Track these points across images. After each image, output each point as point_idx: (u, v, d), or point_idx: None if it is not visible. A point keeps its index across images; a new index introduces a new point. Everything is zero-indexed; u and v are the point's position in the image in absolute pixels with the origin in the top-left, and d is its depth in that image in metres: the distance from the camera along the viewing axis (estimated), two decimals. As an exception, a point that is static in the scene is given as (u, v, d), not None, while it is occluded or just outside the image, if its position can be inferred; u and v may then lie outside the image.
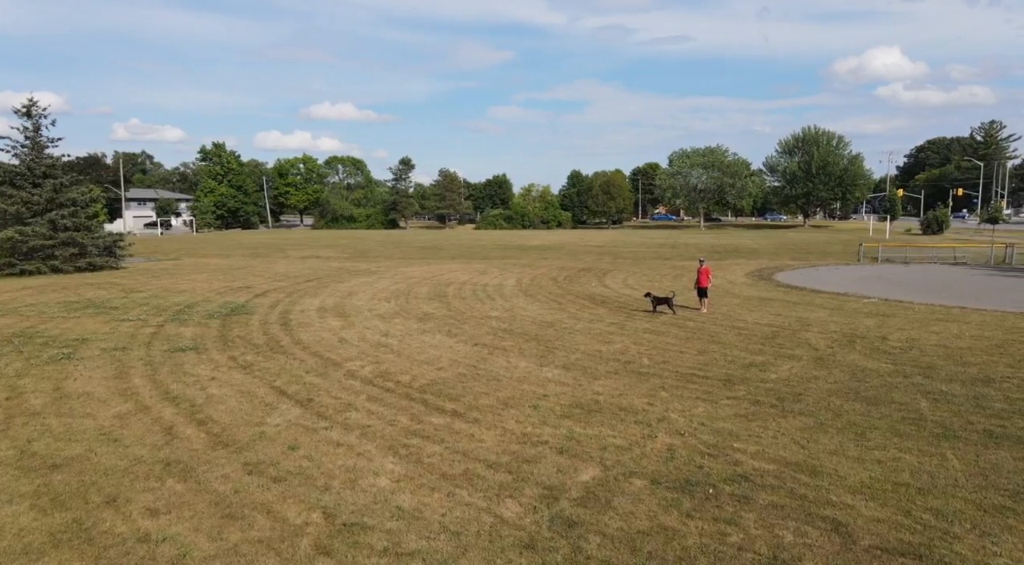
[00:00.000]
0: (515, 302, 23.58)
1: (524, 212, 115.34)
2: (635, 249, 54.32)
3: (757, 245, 58.21)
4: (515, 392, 11.98)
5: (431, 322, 19.41)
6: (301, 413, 10.63)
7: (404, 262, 43.18)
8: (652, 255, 47.41)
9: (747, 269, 35.94)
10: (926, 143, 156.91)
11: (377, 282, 30.29)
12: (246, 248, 60.55)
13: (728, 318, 19.96)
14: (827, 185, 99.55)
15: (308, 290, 27.17)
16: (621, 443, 9.36)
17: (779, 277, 32.16)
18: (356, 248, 59.34)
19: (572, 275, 33.40)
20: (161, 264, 42.17)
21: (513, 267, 38.40)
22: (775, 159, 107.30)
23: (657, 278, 31.72)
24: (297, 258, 48.51)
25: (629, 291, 26.62)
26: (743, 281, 30.19)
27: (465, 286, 28.55)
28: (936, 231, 73.59)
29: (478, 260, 44.53)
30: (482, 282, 30.23)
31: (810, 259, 43.11)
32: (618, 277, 32.36)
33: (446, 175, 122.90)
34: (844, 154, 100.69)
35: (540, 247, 57.96)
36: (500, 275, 33.60)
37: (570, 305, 22.90)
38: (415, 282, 30.29)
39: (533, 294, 25.80)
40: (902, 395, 11.70)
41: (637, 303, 22.96)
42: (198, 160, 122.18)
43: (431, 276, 33.15)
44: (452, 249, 56.67)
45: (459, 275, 33.63)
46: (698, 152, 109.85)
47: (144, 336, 17.10)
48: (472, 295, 25.53)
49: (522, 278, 31.90)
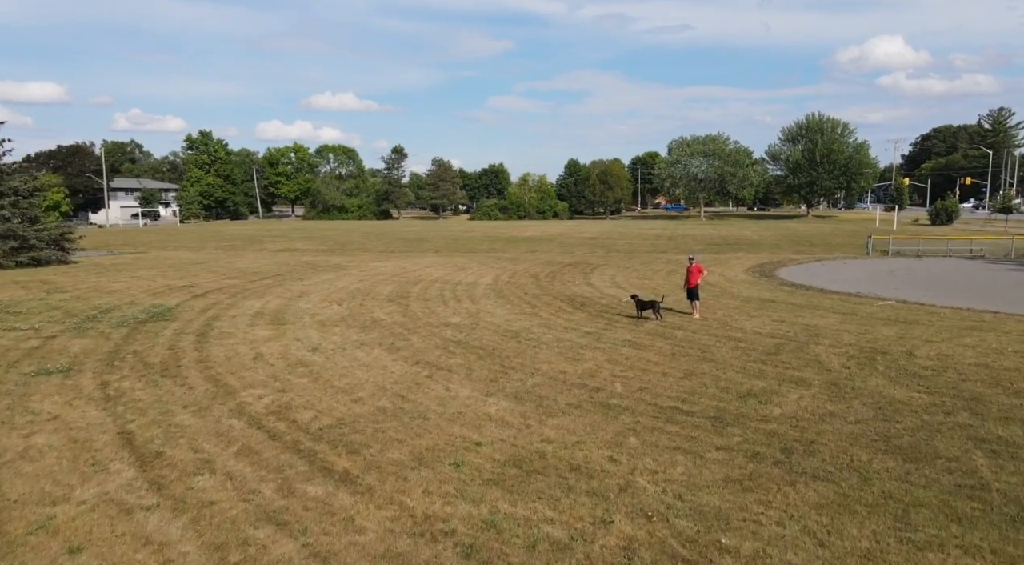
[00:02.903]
0: (483, 305, 20.73)
1: (520, 202, 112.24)
2: (630, 241, 51.39)
3: (759, 237, 55.24)
4: (439, 439, 9.15)
5: (376, 332, 16.56)
6: (131, 479, 7.79)
7: (381, 256, 40.33)
8: (647, 248, 44.48)
9: (748, 264, 33.03)
10: (932, 131, 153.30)
11: (339, 280, 27.44)
12: (223, 240, 57.69)
13: (723, 326, 17.09)
14: (831, 174, 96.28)
15: (256, 290, 24.31)
16: (559, 536, 6.53)
17: (782, 273, 29.26)
18: (337, 240, 56.47)
19: (556, 271, 30.52)
20: (118, 258, 39.31)
21: (496, 262, 35.52)
22: (778, 147, 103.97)
23: (649, 274, 28.84)
24: (271, 251, 45.70)
25: (615, 291, 23.75)
26: (743, 278, 27.30)
27: (434, 285, 25.69)
28: (945, 222, 70.52)
29: (461, 254, 41.66)
30: (455, 280, 27.37)
31: (815, 252, 40.18)
32: (606, 273, 29.48)
33: (440, 164, 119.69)
34: (849, 142, 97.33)
35: (531, 239, 55.06)
36: (478, 271, 30.73)
37: (545, 308, 20.04)
38: (381, 280, 27.44)
39: (507, 295, 22.93)
40: (948, 444, 8.85)
41: (622, 306, 20.10)
42: (184, 148, 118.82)
43: (401, 273, 30.30)
44: (438, 241, 53.78)
45: (433, 271, 30.77)
46: (698, 140, 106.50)
47: (18, 352, 14.25)
48: (438, 296, 22.67)
49: (500, 275, 29.02)
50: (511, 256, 39.26)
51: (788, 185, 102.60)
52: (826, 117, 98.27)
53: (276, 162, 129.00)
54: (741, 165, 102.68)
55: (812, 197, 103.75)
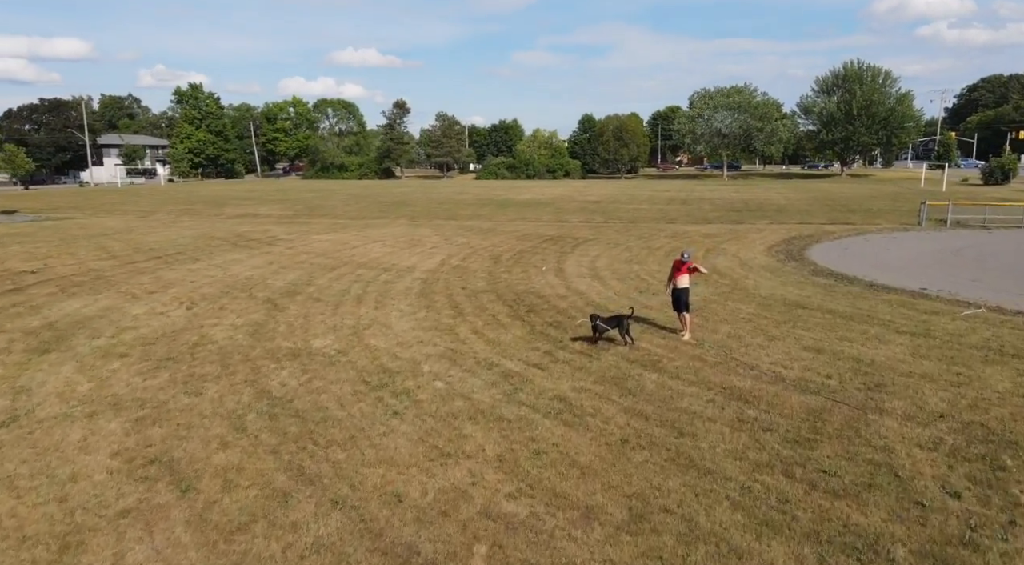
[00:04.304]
0: (386, 311, 14.65)
1: (529, 161, 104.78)
2: (637, 206, 44.62)
3: (786, 201, 48.02)
4: None
5: (166, 373, 10.59)
6: None
7: (337, 226, 34.29)
8: (654, 215, 37.77)
9: (771, 239, 26.37)
10: (980, 81, 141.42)
11: (242, 263, 21.47)
12: (184, 203, 51.99)
13: (725, 361, 10.82)
14: (870, 128, 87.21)
15: (114, 278, 18.45)
16: None
17: (815, 253, 22.66)
18: (311, 204, 50.54)
19: (527, 251, 24.24)
20: (26, 227, 33.69)
21: (464, 235, 29.30)
22: (810, 99, 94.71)
23: (642, 256, 22.42)
24: (223, 218, 40.01)
25: (585, 286, 17.46)
26: (764, 262, 20.79)
27: (354, 272, 19.63)
28: (1000, 181, 62.28)
29: (434, 223, 35.45)
30: (389, 263, 21.26)
31: (854, 221, 33.23)
32: (589, 254, 23.13)
33: (444, 119, 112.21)
34: (891, 93, 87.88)
35: (525, 204, 48.50)
36: (430, 250, 24.57)
37: (471, 319, 13.90)
38: (297, 262, 21.43)
39: (435, 293, 16.80)
40: None
41: (578, 326, 13.89)
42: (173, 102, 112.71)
43: (336, 251, 24.25)
44: (419, 206, 47.51)
45: (375, 249, 24.68)
46: (723, 92, 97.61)
47: None
48: (341, 293, 16.61)
49: (453, 257, 22.82)
50: (488, 227, 32.97)
51: (821, 141, 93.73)
52: (865, 65, 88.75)
53: (274, 117, 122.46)
54: (769, 119, 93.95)
55: (847, 154, 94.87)
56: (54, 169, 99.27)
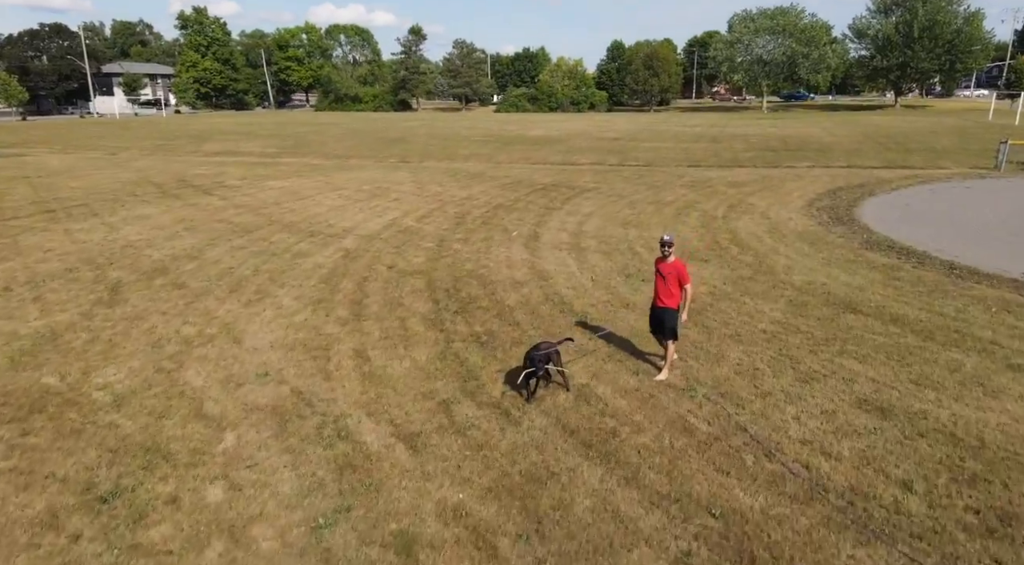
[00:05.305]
0: (256, 311, 10.49)
1: (551, 92, 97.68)
2: (658, 144, 39.19)
3: (832, 137, 41.94)
4: None
5: None
6: None
7: (310, 167, 29.96)
8: (676, 157, 32.51)
9: (812, 190, 21.31)
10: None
11: (139, 222, 17.38)
12: (169, 138, 47.91)
13: (725, 438, 6.46)
14: (931, 52, 78.08)
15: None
16: None
17: (868, 212, 17.73)
18: (303, 140, 46.17)
19: (507, 205, 19.71)
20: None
21: (443, 181, 24.77)
22: (864, 21, 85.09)
23: (648, 212, 17.73)
24: (195, 155, 36.12)
25: (557, 264, 13.02)
26: (800, 225, 15.98)
27: (270, 238, 15.45)
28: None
29: (421, 164, 30.91)
30: (325, 223, 16.99)
31: (913, 163, 27.71)
32: (580, 210, 18.54)
33: (462, 47, 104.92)
34: (958, 11, 78.14)
35: (534, 141, 43.32)
36: (388, 204, 20.21)
37: (369, 325, 9.68)
38: (212, 221, 17.28)
39: (350, 274, 12.55)
40: None
41: (541, 312, 9.55)
42: (176, 28, 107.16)
43: (273, 203, 20.04)
44: (416, 143, 42.71)
45: (321, 203, 20.40)
46: (766, 14, 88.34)
47: None
48: (222, 273, 12.47)
49: (408, 215, 18.44)
50: (479, 170, 28.30)
51: (874, 68, 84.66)
52: (930, -20, 78.72)
53: (286, 45, 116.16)
54: (816, 44, 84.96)
55: (904, 82, 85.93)
56: (59, 99, 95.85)
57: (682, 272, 7.55)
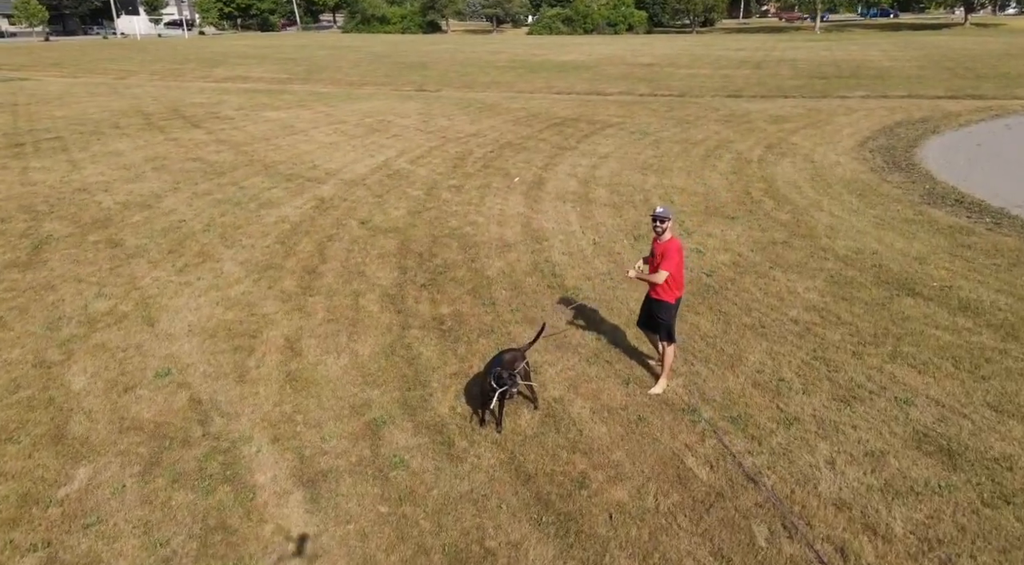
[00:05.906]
0: (189, 279, 8.96)
1: (587, 13, 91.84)
2: (696, 70, 35.90)
3: (891, 61, 37.93)
4: None
5: None
6: None
7: (315, 95, 27.99)
8: (716, 85, 29.52)
9: (865, 126, 18.68)
10: None
11: (108, 159, 15.77)
12: (181, 62, 45.94)
13: (732, 495, 4.78)
14: (1009, -35, 70.44)
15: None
16: None
17: (931, 155, 15.25)
18: (319, 64, 43.82)
19: (516, 144, 17.65)
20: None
21: (453, 114, 22.64)
22: (936, -72, 76.93)
23: (669, 159, 15.53)
24: (204, 81, 34.49)
25: (556, 220, 11.15)
26: (849, 171, 13.67)
27: (241, 182, 13.82)
28: None
29: (435, 94, 28.68)
30: (308, 164, 15.26)
31: (985, 92, 24.49)
32: (597, 150, 16.41)
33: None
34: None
35: (561, 67, 40.24)
36: (386, 140, 18.32)
37: (317, 302, 8.11)
38: (186, 158, 15.66)
39: (314, 231, 10.91)
40: None
41: (528, 285, 7.86)
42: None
43: (262, 137, 18.31)
44: (436, 69, 40.02)
45: (312, 138, 18.58)
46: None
47: None
48: (173, 225, 10.92)
49: (404, 154, 16.57)
50: (494, 101, 26.00)
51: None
52: None
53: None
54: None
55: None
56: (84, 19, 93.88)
57: (667, 255, 5.68)
